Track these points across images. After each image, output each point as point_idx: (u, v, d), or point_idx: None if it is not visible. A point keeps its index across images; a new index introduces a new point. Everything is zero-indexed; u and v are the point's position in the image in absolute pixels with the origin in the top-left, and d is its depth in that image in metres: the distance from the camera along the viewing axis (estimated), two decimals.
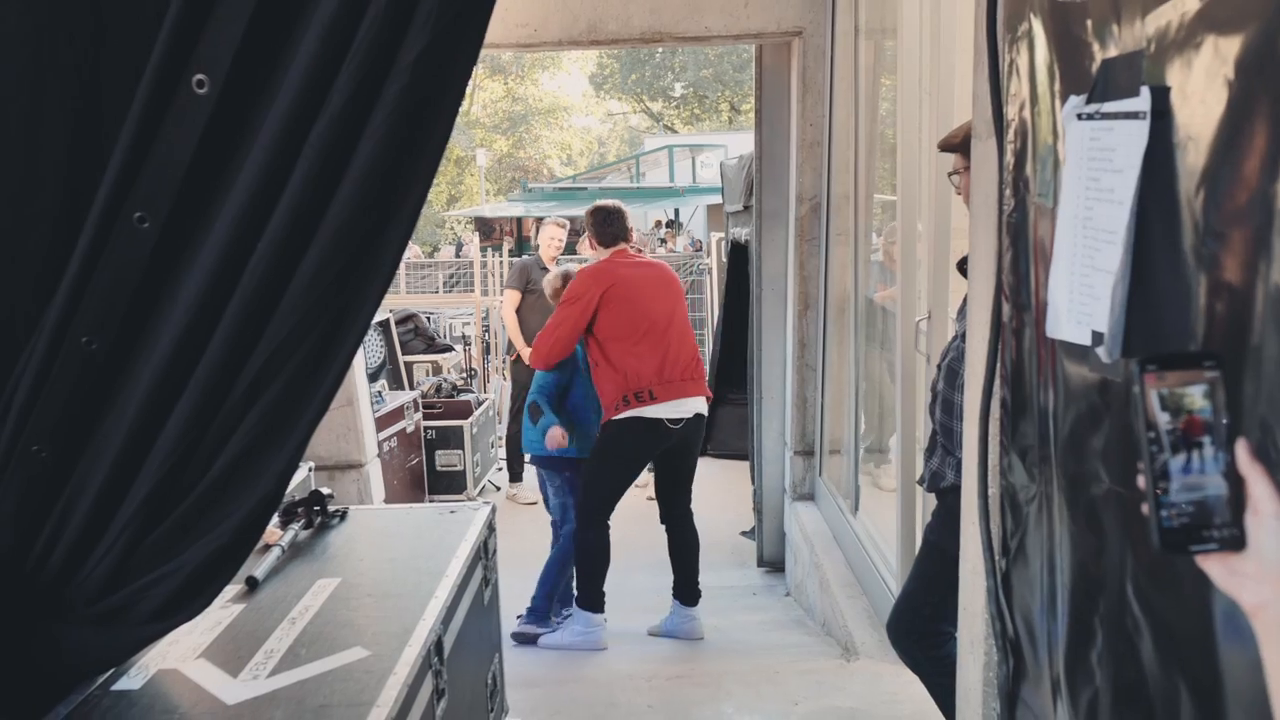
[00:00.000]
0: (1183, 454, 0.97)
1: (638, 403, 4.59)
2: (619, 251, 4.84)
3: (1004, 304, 1.67)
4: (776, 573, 6.14)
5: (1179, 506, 0.97)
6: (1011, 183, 1.61)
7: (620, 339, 4.61)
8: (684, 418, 4.68)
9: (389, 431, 6.32)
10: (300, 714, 1.80)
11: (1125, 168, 1.15)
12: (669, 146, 27.11)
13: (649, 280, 4.76)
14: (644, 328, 4.63)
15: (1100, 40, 1.27)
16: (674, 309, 4.77)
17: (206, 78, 1.57)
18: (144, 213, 1.63)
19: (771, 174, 6.13)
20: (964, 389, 2.25)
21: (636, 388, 4.58)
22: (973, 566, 1.91)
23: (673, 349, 4.67)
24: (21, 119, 1.67)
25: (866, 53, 5.17)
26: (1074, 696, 1.41)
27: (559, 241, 7.17)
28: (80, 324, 1.67)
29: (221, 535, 1.77)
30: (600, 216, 4.90)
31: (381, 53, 1.54)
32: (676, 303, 4.81)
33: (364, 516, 3.03)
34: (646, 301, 4.68)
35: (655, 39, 5.50)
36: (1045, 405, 1.49)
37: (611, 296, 4.63)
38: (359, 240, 1.64)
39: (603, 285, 4.65)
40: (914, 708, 3.46)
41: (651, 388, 4.59)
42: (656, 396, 4.59)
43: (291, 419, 1.73)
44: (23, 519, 1.77)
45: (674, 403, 4.65)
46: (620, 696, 3.97)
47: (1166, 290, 1.11)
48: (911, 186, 4.09)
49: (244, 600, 2.34)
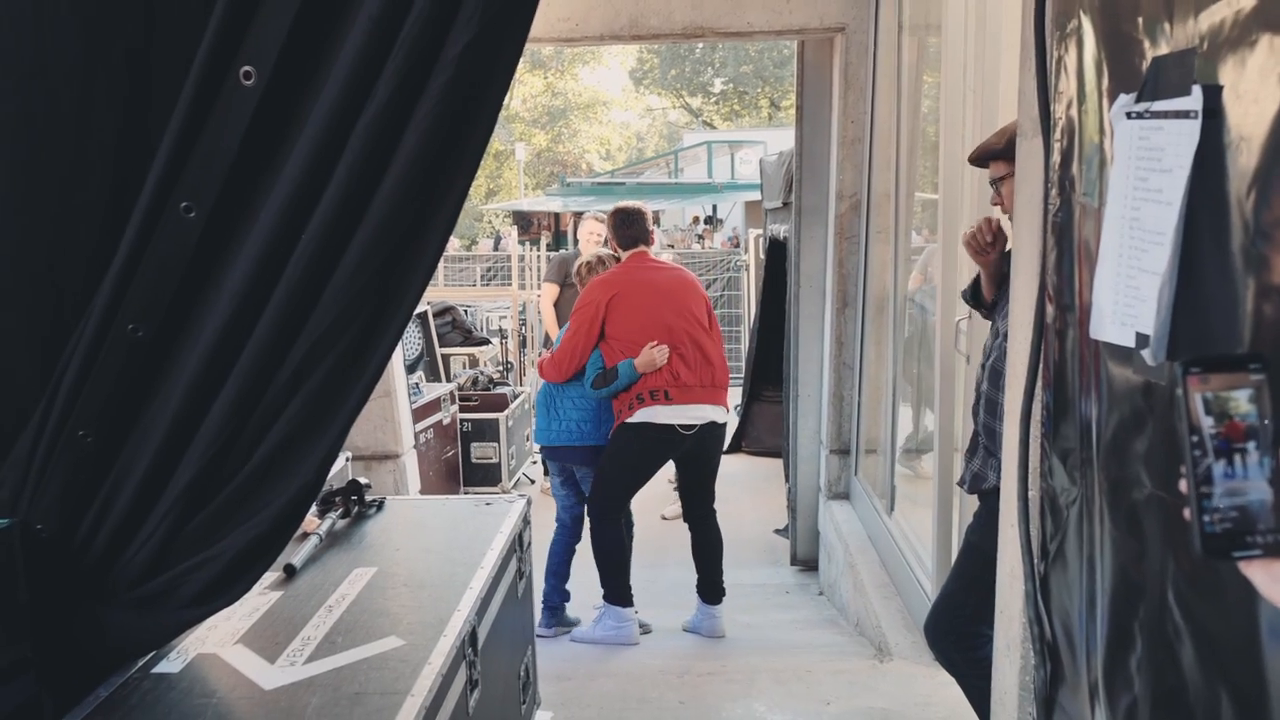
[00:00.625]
0: (1226, 459, 0.95)
1: (652, 401, 4.54)
2: (638, 254, 4.80)
3: (1047, 305, 1.65)
4: (810, 571, 6.12)
5: (1222, 512, 0.95)
6: (1057, 182, 1.59)
7: (632, 342, 4.57)
8: (696, 424, 4.63)
9: (425, 423, 6.36)
10: (336, 701, 1.81)
11: (1174, 167, 1.14)
12: (708, 142, 27.03)
13: (665, 285, 4.71)
14: (655, 332, 4.58)
15: (1151, 37, 1.25)
16: (693, 314, 4.70)
17: (253, 69, 1.59)
18: (190, 202, 1.65)
19: (811, 170, 6.10)
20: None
21: (652, 386, 4.54)
22: (1011, 569, 1.89)
23: (689, 354, 4.61)
24: (73, 108, 1.70)
25: (910, 49, 5.13)
26: (1112, 702, 1.40)
27: (598, 236, 7.17)
28: (127, 311, 1.70)
29: (261, 523, 1.80)
30: (620, 218, 4.87)
31: (427, 45, 1.55)
32: (697, 308, 4.73)
33: (400, 507, 3.05)
34: (659, 306, 4.63)
35: (697, 34, 5.48)
36: (1088, 408, 1.47)
37: (619, 301, 4.60)
38: (402, 232, 1.65)
39: (610, 291, 4.63)
40: (947, 711, 3.44)
41: (666, 388, 4.54)
42: (672, 398, 4.55)
43: (333, 408, 1.74)
44: (68, 503, 1.80)
45: (688, 408, 4.60)
46: (651, 692, 3.97)
47: (1214, 293, 1.09)
48: (953, 185, 4.06)
49: (282, 587, 2.36)
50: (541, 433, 4.91)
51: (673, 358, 4.58)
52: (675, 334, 4.62)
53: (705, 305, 4.83)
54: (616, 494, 4.75)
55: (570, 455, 4.85)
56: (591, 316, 4.63)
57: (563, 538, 4.94)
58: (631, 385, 4.57)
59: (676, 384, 4.57)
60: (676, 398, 4.57)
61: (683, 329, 4.64)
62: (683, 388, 4.58)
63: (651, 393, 4.55)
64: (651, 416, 4.57)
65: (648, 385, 4.56)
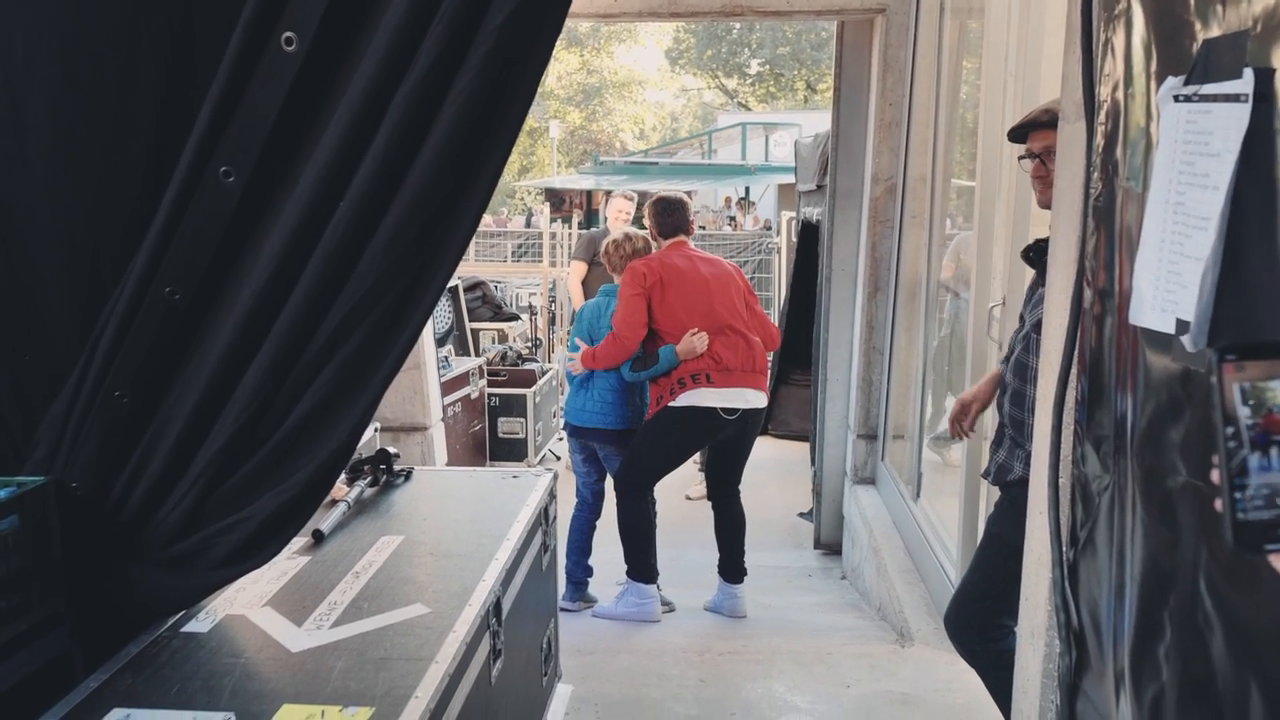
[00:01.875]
0: (1262, 451, 0.92)
1: (694, 385, 4.56)
2: (678, 243, 4.80)
3: (1085, 290, 1.63)
4: (833, 555, 6.12)
5: (1255, 504, 0.92)
6: (1100, 166, 1.57)
7: (676, 327, 4.58)
8: (739, 409, 4.64)
9: (454, 396, 6.39)
10: (361, 665, 1.83)
11: (1222, 152, 1.12)
12: (743, 124, 26.92)
13: (706, 273, 4.71)
14: (697, 318, 4.59)
15: (1203, 19, 1.23)
16: (734, 303, 4.71)
17: (295, 35, 1.60)
18: (229, 168, 1.66)
19: (847, 153, 6.05)
20: (1035, 381, 2.21)
21: (694, 370, 4.55)
22: (1038, 557, 1.88)
23: (730, 340, 4.62)
24: (116, 72, 1.71)
25: (951, 32, 5.07)
26: (1138, 691, 1.39)
27: (626, 214, 7.16)
28: (165, 274, 1.71)
29: (292, 487, 1.82)
30: (661, 206, 4.86)
31: (469, 15, 1.55)
32: (737, 297, 4.74)
33: (428, 477, 3.07)
34: (701, 293, 4.63)
35: (736, 12, 5.45)
36: (1124, 395, 1.46)
37: (660, 286, 4.60)
38: (439, 202, 1.66)
39: (654, 275, 4.62)
40: (968, 696, 3.43)
41: (708, 371, 4.56)
42: (714, 381, 4.56)
43: (365, 376, 1.76)
44: (104, 462, 1.83)
45: (731, 391, 4.60)
46: (672, 669, 3.99)
47: (1258, 280, 1.08)
48: (991, 170, 4.02)
49: (310, 553, 2.39)
50: (575, 412, 4.92)
51: (714, 342, 4.58)
52: (717, 319, 4.62)
53: (745, 290, 4.83)
54: (649, 472, 4.77)
55: (598, 436, 4.88)
56: (638, 298, 4.60)
57: (583, 513, 4.98)
58: (672, 370, 4.59)
59: (718, 367, 4.57)
60: (718, 381, 4.57)
61: (724, 315, 4.64)
62: (724, 371, 4.58)
63: (694, 376, 4.56)
64: (696, 400, 4.57)
65: (688, 369, 4.56)
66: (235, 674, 1.80)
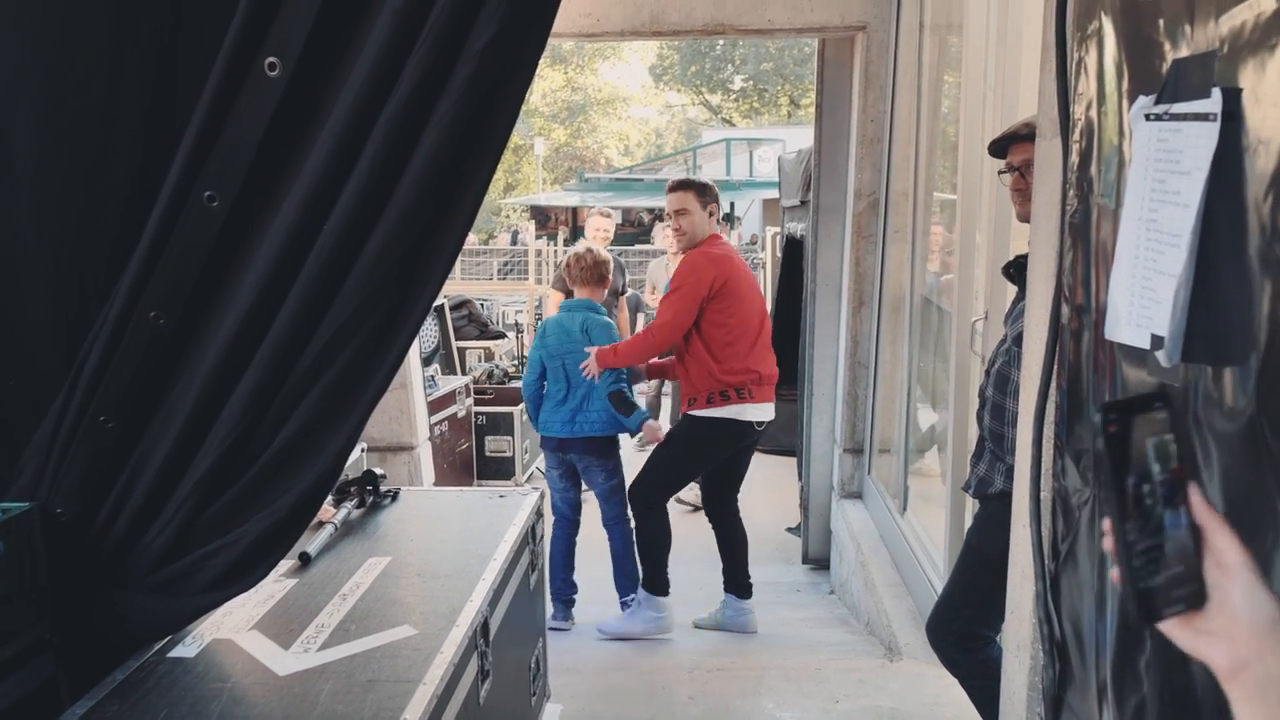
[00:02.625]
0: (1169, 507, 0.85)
1: (737, 399, 4.41)
2: (715, 236, 4.63)
3: (1063, 305, 1.65)
4: (821, 570, 6.12)
5: (1151, 570, 0.85)
6: (1075, 183, 1.60)
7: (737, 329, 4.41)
8: (768, 421, 4.57)
9: (440, 416, 6.38)
10: (349, 688, 1.83)
11: (1192, 170, 1.14)
12: (727, 140, 27.03)
13: (747, 274, 4.60)
14: (753, 323, 4.49)
15: (1172, 40, 1.25)
16: (764, 308, 4.63)
17: (278, 60, 1.61)
18: (213, 192, 1.67)
19: (830, 169, 6.09)
20: (1015, 395, 2.23)
21: (737, 383, 4.40)
22: (1022, 570, 1.90)
23: (764, 352, 4.53)
24: (100, 96, 1.72)
25: (930, 48, 5.12)
26: (1120, 702, 1.40)
27: (605, 232, 7.15)
28: (149, 299, 1.72)
29: (279, 510, 1.82)
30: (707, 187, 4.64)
31: (452, 39, 1.56)
32: (763, 302, 4.66)
33: (415, 498, 3.07)
34: (747, 296, 4.51)
35: (718, 31, 5.48)
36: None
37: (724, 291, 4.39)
38: (423, 224, 1.67)
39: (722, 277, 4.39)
40: (955, 711, 3.44)
41: (750, 385, 4.43)
42: (754, 396, 4.44)
43: (351, 399, 1.76)
44: (89, 487, 1.82)
45: (766, 405, 4.52)
46: (661, 687, 3.98)
47: (1230, 296, 1.10)
48: (972, 185, 4.05)
49: (297, 575, 2.38)
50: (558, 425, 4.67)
51: (756, 350, 4.49)
52: (756, 327, 4.51)
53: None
54: (674, 483, 4.70)
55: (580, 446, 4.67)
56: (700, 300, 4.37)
57: (563, 530, 4.82)
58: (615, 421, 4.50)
59: (759, 380, 4.46)
60: (758, 395, 4.47)
61: (761, 322, 4.56)
62: (761, 383, 4.48)
63: (737, 389, 4.41)
64: (738, 414, 4.45)
65: (732, 380, 4.40)
66: (222, 699, 1.80)
